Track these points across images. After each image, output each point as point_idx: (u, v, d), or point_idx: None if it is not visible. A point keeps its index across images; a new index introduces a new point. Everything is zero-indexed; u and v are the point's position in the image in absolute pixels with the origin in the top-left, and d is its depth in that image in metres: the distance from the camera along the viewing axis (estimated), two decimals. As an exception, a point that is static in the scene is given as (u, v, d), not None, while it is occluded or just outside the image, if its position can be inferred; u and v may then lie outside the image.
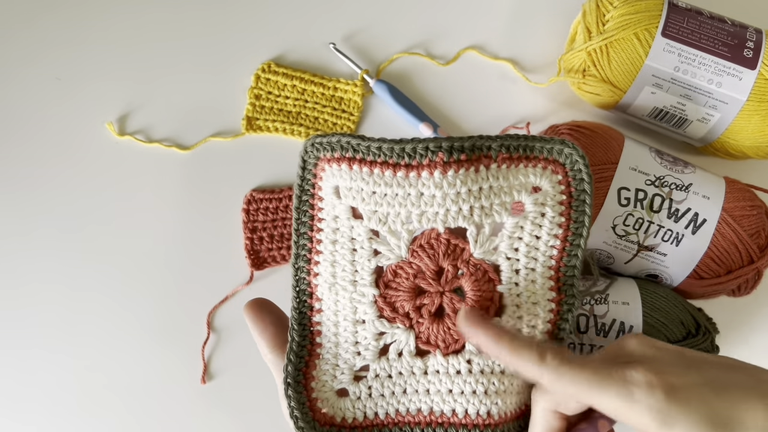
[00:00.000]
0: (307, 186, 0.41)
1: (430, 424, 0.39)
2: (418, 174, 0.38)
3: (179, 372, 0.58)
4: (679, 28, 0.53)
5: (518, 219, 0.40)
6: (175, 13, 0.63)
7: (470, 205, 0.38)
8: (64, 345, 0.59)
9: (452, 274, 0.40)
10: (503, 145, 0.39)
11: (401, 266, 0.40)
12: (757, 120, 0.54)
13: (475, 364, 0.39)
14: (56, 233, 0.60)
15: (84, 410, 0.58)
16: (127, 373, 0.58)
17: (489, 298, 0.40)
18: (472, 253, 0.40)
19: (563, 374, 0.35)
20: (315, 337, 0.41)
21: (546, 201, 0.40)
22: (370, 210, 0.39)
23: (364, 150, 0.38)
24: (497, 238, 0.40)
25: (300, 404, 0.39)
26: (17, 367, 0.58)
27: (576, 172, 0.40)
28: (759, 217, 0.52)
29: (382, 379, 0.40)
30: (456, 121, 0.62)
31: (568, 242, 0.40)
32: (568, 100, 0.62)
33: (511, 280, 0.40)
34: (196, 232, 0.60)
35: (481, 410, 0.39)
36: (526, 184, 0.39)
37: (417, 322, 0.40)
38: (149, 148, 0.61)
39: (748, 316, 0.60)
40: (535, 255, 0.40)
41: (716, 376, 0.34)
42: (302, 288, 0.41)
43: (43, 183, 0.61)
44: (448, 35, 0.64)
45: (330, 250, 0.40)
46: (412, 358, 0.40)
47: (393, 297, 0.40)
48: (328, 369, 0.40)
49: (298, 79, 0.62)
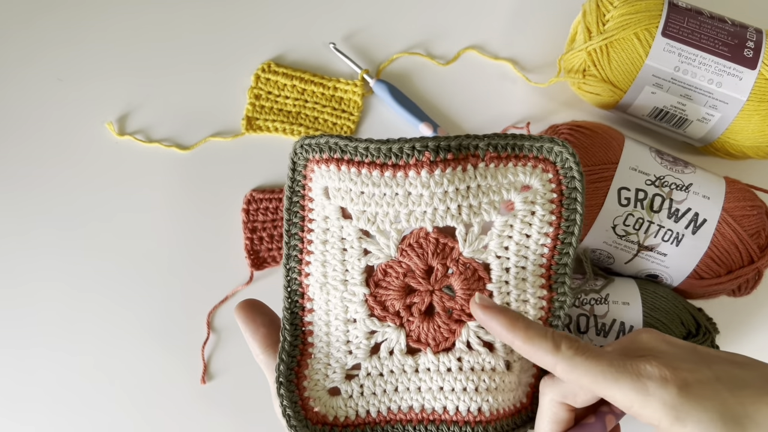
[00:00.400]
0: (297, 187, 0.41)
1: (422, 422, 0.40)
2: (405, 173, 0.38)
3: (179, 372, 0.58)
4: (680, 28, 0.53)
5: (507, 217, 0.40)
6: (175, 13, 0.63)
7: (458, 203, 0.39)
8: (64, 345, 0.58)
9: (442, 272, 0.40)
10: (491, 144, 0.39)
11: (391, 265, 0.40)
12: (757, 120, 0.53)
13: (465, 361, 0.40)
14: (56, 233, 0.60)
15: (83, 410, 0.58)
16: (126, 373, 0.58)
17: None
18: (462, 251, 0.40)
19: (578, 365, 0.35)
20: (307, 336, 0.41)
21: (536, 199, 0.40)
22: (359, 210, 0.39)
23: (351, 151, 0.39)
24: (486, 236, 0.40)
25: (292, 403, 0.39)
26: (17, 367, 0.58)
27: (567, 170, 0.40)
28: (759, 217, 0.52)
29: (374, 377, 0.40)
30: (456, 121, 0.62)
31: (559, 240, 0.40)
32: (568, 100, 0.62)
33: (501, 279, 0.40)
34: (196, 232, 0.60)
35: (471, 407, 0.39)
36: (515, 183, 0.40)
37: (407, 320, 0.40)
38: (149, 148, 0.61)
39: (748, 316, 0.60)
40: (526, 253, 0.40)
41: (728, 372, 0.34)
42: (294, 288, 0.41)
43: (42, 183, 0.61)
44: (448, 35, 0.64)
45: (321, 250, 0.41)
46: (403, 356, 0.40)
47: (383, 296, 0.40)
48: (320, 368, 0.40)
49: (298, 79, 0.62)
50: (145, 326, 0.59)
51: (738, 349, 0.59)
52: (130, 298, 0.59)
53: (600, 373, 0.34)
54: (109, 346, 0.59)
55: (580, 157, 0.52)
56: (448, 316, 0.40)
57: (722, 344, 0.57)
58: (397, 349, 0.40)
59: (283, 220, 0.42)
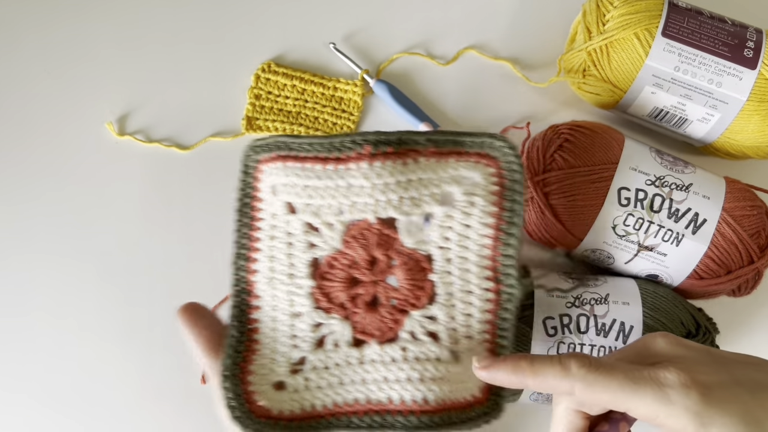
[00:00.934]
0: (247, 188, 0.42)
1: (368, 413, 0.40)
2: (347, 166, 0.39)
3: (179, 372, 0.58)
4: (680, 28, 0.53)
5: (447, 209, 0.41)
6: (175, 12, 0.63)
7: (399, 195, 0.40)
8: (64, 344, 0.58)
9: (385, 263, 0.41)
10: (430, 139, 0.40)
11: (336, 257, 0.41)
12: (757, 120, 0.53)
13: (409, 351, 0.40)
14: (55, 231, 0.60)
15: (82, 410, 0.58)
16: (126, 373, 0.58)
17: (421, 286, 0.41)
18: (403, 242, 0.41)
19: (593, 382, 0.34)
20: (253, 333, 0.41)
21: (476, 191, 0.41)
22: (304, 203, 0.40)
23: (297, 147, 0.40)
24: (427, 227, 0.41)
25: (236, 396, 0.39)
26: (16, 366, 0.58)
27: (508, 164, 0.41)
28: (759, 217, 0.52)
29: (319, 370, 0.40)
30: (456, 121, 0.62)
31: (501, 231, 0.41)
32: (568, 100, 0.62)
33: (444, 269, 0.41)
34: (195, 232, 0.60)
35: (416, 397, 0.39)
36: (456, 176, 0.41)
37: (353, 312, 0.41)
38: (149, 148, 0.61)
39: (748, 316, 0.60)
40: (467, 244, 0.41)
41: (747, 375, 0.34)
42: (241, 286, 0.42)
43: (42, 183, 0.61)
44: (448, 35, 0.64)
45: (268, 246, 0.42)
46: (349, 348, 0.41)
47: (328, 288, 0.41)
48: (266, 363, 0.41)
49: (298, 79, 0.62)
50: (145, 326, 0.59)
51: (738, 349, 0.59)
52: (130, 298, 0.59)
53: (618, 387, 0.34)
54: (108, 345, 0.59)
55: (580, 157, 0.52)
56: (392, 307, 0.41)
57: (722, 344, 0.57)
58: (342, 341, 0.41)
59: (234, 221, 0.43)
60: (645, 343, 0.37)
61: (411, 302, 0.41)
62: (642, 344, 0.37)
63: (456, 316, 0.41)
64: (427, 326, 0.41)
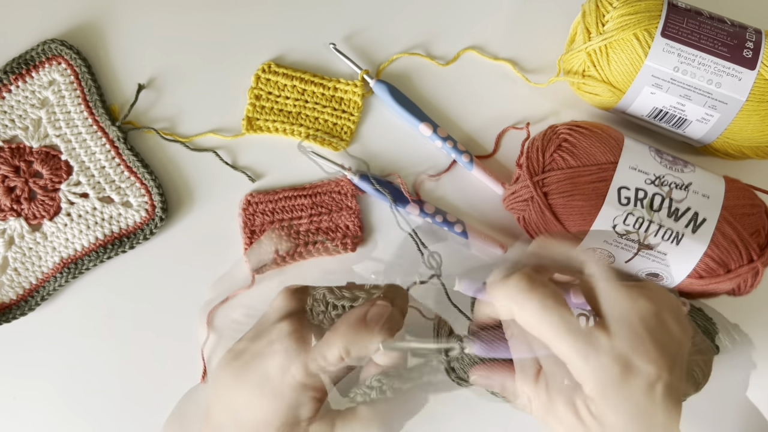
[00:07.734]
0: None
1: (66, 266, 0.57)
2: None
3: (179, 372, 0.58)
4: (679, 29, 0.54)
5: (47, 107, 0.58)
6: (175, 13, 0.63)
7: (11, 118, 0.58)
8: (63, 344, 0.59)
9: (26, 165, 0.57)
10: (5, 71, 0.58)
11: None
12: (757, 120, 0.54)
13: (73, 213, 0.57)
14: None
15: (82, 410, 0.58)
16: (126, 373, 0.58)
17: (58, 167, 0.58)
18: (31, 146, 0.58)
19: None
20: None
21: (61, 87, 0.59)
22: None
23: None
24: (42, 129, 0.58)
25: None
26: (16, 366, 0.58)
27: (70, 55, 0.59)
28: (759, 216, 0.52)
29: (18, 257, 0.57)
30: (456, 122, 0.62)
31: (90, 102, 0.58)
32: (568, 100, 0.63)
33: (70, 148, 0.58)
34: (195, 233, 0.60)
35: (91, 239, 0.57)
36: (44, 83, 0.59)
37: (21, 209, 0.57)
38: (149, 147, 0.61)
39: (748, 316, 0.60)
40: (75, 124, 0.58)
41: None
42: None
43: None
44: (448, 35, 0.64)
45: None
46: (31, 234, 0.57)
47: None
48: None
49: (298, 79, 0.62)
50: (144, 326, 0.59)
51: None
52: (130, 298, 0.59)
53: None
54: (108, 345, 0.59)
55: (580, 157, 0.53)
56: (45, 191, 0.57)
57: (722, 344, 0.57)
58: (25, 231, 0.57)
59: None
60: None
61: (56, 181, 0.57)
62: None
63: (94, 173, 0.58)
64: (76, 190, 0.58)
